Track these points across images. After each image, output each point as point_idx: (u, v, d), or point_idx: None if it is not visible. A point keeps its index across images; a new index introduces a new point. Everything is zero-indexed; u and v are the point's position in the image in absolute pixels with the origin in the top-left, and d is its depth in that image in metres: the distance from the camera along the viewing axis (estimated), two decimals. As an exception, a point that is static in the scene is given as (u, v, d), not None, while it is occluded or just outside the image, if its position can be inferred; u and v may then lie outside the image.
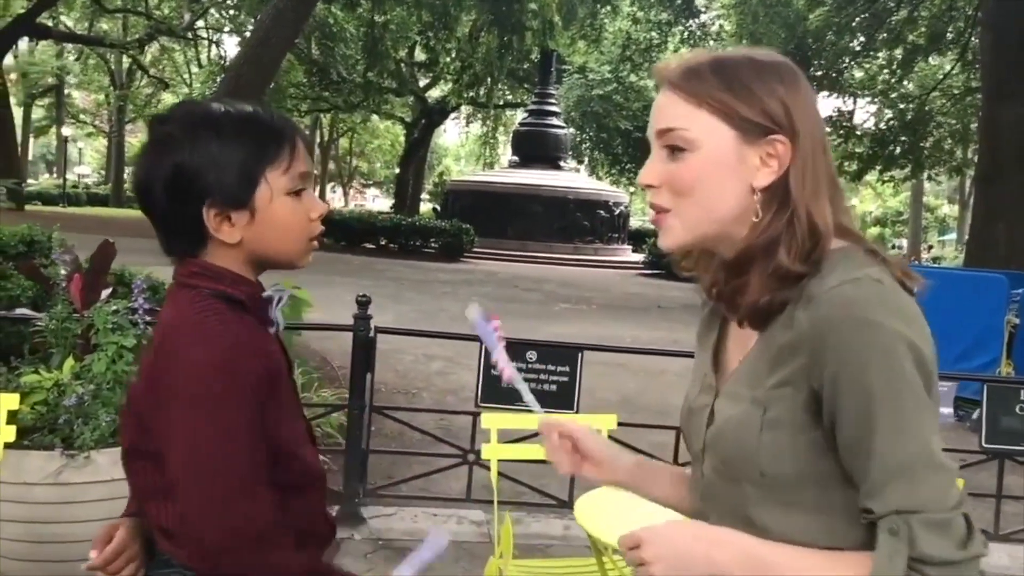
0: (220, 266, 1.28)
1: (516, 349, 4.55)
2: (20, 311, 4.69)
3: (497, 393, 4.48)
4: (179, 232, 1.29)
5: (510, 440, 3.84)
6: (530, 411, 1.47)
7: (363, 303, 4.46)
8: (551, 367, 4.49)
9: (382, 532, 4.41)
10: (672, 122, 1.15)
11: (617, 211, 27.40)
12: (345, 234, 24.66)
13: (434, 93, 38.38)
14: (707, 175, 1.14)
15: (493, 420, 3.30)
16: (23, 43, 35.35)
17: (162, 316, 1.30)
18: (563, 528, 4.68)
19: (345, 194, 60.36)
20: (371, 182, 64.30)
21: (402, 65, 34.78)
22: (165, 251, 1.33)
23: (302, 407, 1.45)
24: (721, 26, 29.41)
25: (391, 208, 37.87)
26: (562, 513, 4.73)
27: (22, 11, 25.93)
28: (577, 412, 4.53)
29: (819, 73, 24.51)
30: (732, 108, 1.12)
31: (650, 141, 1.20)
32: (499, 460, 3.28)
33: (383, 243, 24.89)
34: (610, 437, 3.59)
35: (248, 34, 24.49)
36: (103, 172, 58.67)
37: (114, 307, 3.58)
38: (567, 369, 4.49)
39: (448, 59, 32.24)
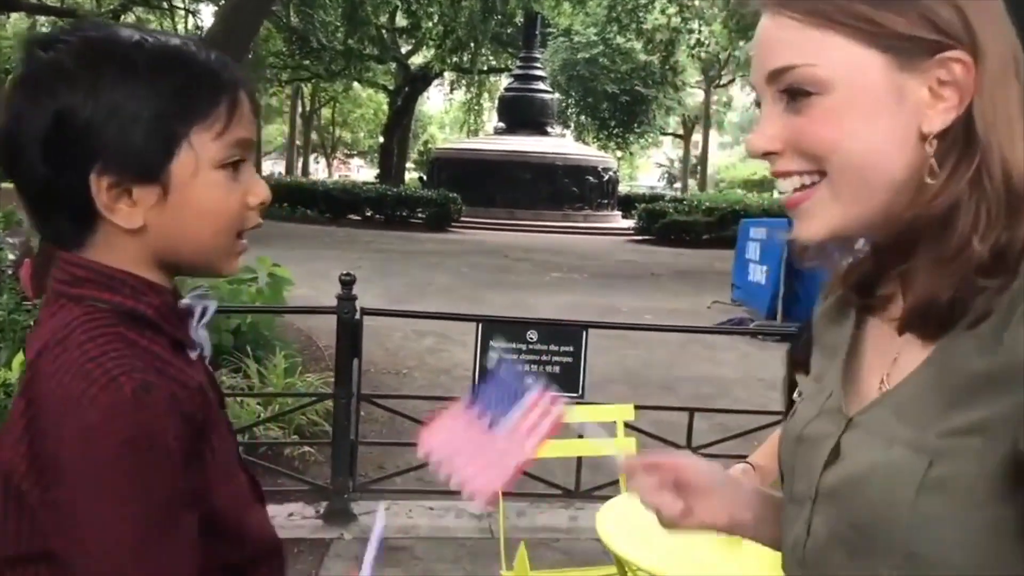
0: (115, 267, 0.90)
1: (515, 328, 4.19)
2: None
3: (495, 377, 4.13)
4: (55, 210, 0.90)
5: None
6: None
7: (347, 282, 4.08)
8: (553, 347, 4.14)
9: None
10: (789, 58, 0.78)
11: (606, 176, 27.00)
12: (329, 206, 24.20)
13: (417, 60, 37.66)
14: (855, 124, 0.76)
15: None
16: (-7, 16, 34.50)
17: (32, 342, 0.90)
18: (569, 519, 4.35)
19: (329, 165, 59.58)
20: (355, 152, 63.47)
21: (383, 31, 34.03)
22: (41, 237, 0.94)
23: (239, 453, 1.07)
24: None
25: (376, 178, 37.27)
26: (568, 503, 4.41)
27: (-10, -18, 25.16)
28: (582, 395, 4.18)
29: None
30: (877, 22, 0.75)
31: (758, 91, 0.83)
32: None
33: (368, 214, 24.41)
34: (626, 426, 3.25)
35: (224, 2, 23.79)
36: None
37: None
38: (571, 349, 4.15)
39: (430, 24, 31.47)
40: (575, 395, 4.15)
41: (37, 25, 40.12)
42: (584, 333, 4.17)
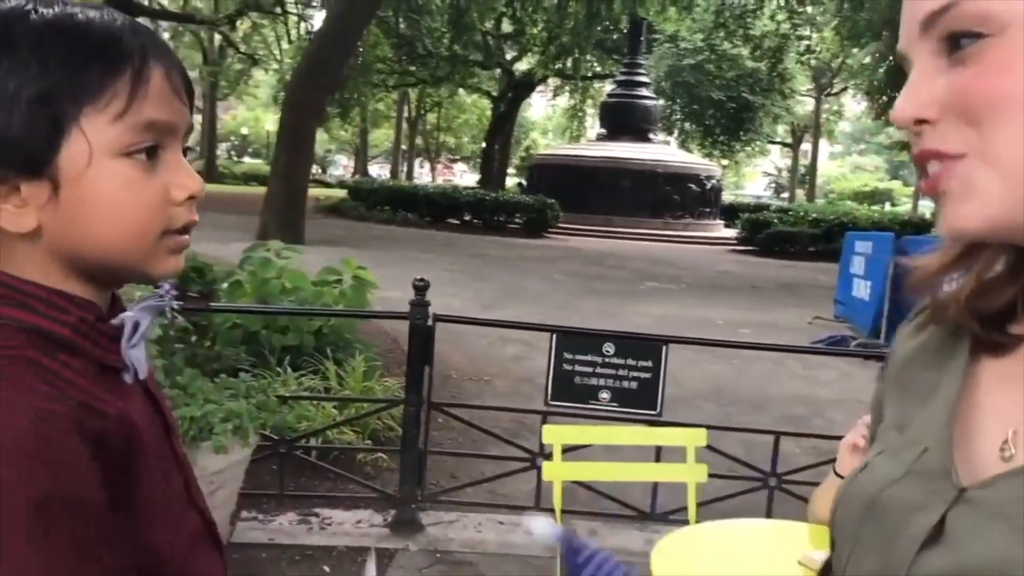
0: (25, 280, 0.76)
1: (591, 341, 4.03)
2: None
3: (570, 390, 3.99)
4: None
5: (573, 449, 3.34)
6: (598, 416, 0.90)
7: (420, 288, 4.00)
8: (631, 361, 3.96)
9: (440, 542, 3.96)
10: None
11: (709, 185, 26.44)
12: (429, 210, 24.42)
13: (521, 65, 37.80)
14: None
15: (557, 433, 2.78)
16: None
17: None
18: (644, 542, 4.15)
19: (432, 169, 60.36)
20: (458, 157, 64.16)
21: (488, 37, 34.28)
22: None
23: (192, 491, 0.92)
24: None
25: (477, 183, 37.53)
26: (643, 525, 4.21)
27: (116, -10, 26.39)
28: (660, 413, 3.99)
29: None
30: None
31: (907, 52, 0.65)
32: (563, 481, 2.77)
33: (467, 219, 24.54)
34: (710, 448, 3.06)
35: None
36: (197, 148, 60.06)
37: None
38: (649, 364, 3.96)
39: (535, 30, 31.56)
40: (653, 412, 3.97)
41: (158, 29, 41.97)
42: (664, 348, 3.97)
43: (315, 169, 42.37)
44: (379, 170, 60.59)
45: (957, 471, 0.65)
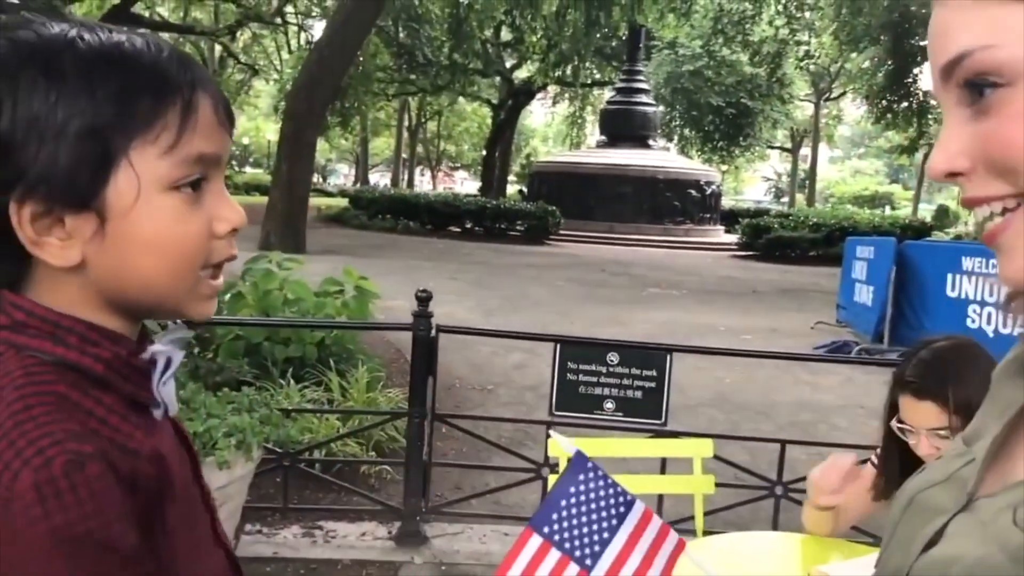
0: (61, 312, 0.75)
1: (594, 350, 4.02)
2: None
3: (574, 400, 3.97)
4: None
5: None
6: (605, 428, 0.86)
7: (423, 299, 3.98)
8: (635, 371, 3.95)
9: (445, 554, 3.95)
10: (962, 42, 0.60)
11: (709, 190, 26.45)
12: (431, 218, 24.44)
13: (520, 73, 37.86)
14: None
15: (562, 447, 2.76)
16: (119, 34, 36.39)
17: None
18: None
19: (433, 177, 60.41)
20: (459, 165, 64.21)
21: (488, 45, 34.32)
22: None
23: (216, 528, 0.91)
24: (819, -6, 28.01)
25: (478, 191, 37.55)
26: (649, 534, 4.19)
27: (117, 2, 26.45)
28: (665, 423, 3.98)
29: (923, 43, 23.05)
30: None
31: (938, 99, 0.65)
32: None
33: (468, 226, 24.54)
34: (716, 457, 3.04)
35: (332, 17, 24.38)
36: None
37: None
38: (653, 373, 3.94)
39: (534, 38, 31.58)
40: (658, 422, 3.95)
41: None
42: (668, 357, 3.96)
43: (316, 178, 42.44)
44: (380, 178, 60.62)
45: (983, 482, 0.67)
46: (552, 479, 2.81)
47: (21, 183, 0.71)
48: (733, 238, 24.79)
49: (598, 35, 28.51)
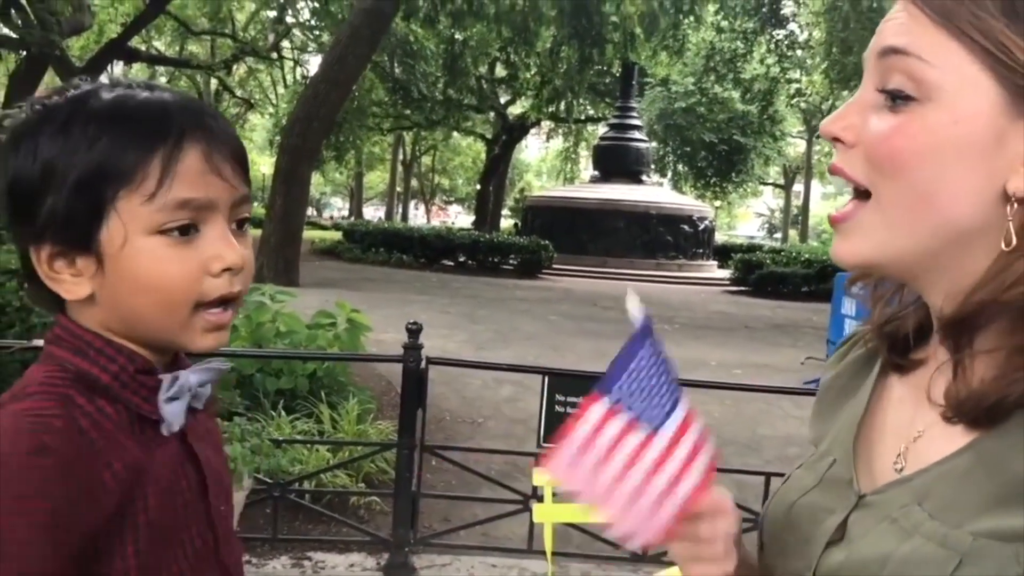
0: (88, 329, 0.86)
1: (583, 383, 4.07)
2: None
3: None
4: (28, 273, 0.87)
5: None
6: None
7: (413, 331, 4.04)
8: (623, 403, 3.98)
9: (434, 586, 3.97)
10: (908, 43, 0.68)
11: (702, 226, 26.61)
12: (424, 251, 24.51)
13: (514, 109, 38.19)
14: (939, 149, 0.66)
15: (547, 476, 2.81)
16: (117, 67, 36.57)
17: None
18: (637, 584, 4.17)
19: (428, 211, 60.66)
20: (453, 199, 64.49)
21: (482, 81, 34.67)
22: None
23: (218, 551, 0.94)
24: (810, 34, 28.40)
25: (472, 225, 37.71)
26: (636, 567, 4.22)
27: (115, 36, 26.69)
28: (652, 455, 4.02)
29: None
30: (1006, 46, 0.64)
31: (866, 70, 0.74)
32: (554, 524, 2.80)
33: (462, 260, 24.63)
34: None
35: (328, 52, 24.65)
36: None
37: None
38: (641, 406, 3.98)
39: (528, 74, 31.93)
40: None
41: (155, 75, 42.47)
42: (655, 390, 4.01)
43: (310, 211, 42.59)
44: (374, 212, 60.84)
45: (858, 480, 0.76)
46: (536, 508, 2.85)
47: (40, 225, 0.81)
48: (726, 273, 24.91)
49: (591, 72, 28.77)
